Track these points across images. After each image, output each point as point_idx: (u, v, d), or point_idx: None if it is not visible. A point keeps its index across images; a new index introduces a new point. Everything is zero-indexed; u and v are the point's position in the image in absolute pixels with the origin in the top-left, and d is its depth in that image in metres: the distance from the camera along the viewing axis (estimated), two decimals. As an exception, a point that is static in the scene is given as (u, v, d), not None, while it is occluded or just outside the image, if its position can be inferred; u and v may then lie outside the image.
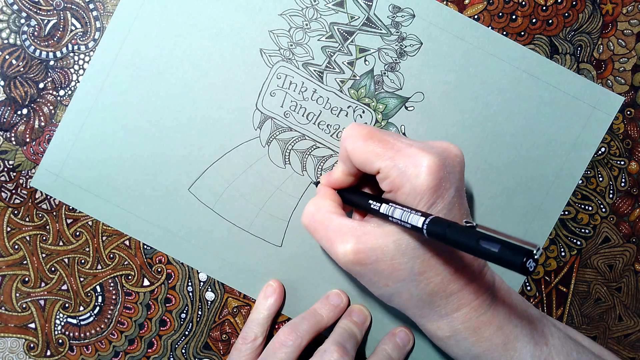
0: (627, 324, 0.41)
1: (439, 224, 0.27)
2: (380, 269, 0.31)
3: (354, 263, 0.31)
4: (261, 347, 0.38)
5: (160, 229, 0.40)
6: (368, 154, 0.31)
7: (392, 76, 0.39)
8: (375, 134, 0.32)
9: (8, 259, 0.40)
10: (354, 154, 0.32)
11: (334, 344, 0.35)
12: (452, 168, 0.31)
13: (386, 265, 0.31)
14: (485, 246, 0.24)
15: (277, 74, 0.39)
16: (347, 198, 0.35)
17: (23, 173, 0.39)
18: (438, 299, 0.32)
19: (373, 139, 0.31)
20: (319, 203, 0.34)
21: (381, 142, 0.31)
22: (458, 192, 0.31)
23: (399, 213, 0.30)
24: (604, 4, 0.39)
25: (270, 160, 0.39)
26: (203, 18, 0.38)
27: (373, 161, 0.31)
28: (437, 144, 0.33)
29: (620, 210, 0.40)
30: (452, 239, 0.26)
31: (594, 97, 0.39)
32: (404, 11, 0.39)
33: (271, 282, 0.40)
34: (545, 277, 0.41)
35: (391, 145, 0.31)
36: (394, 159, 0.30)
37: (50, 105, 0.39)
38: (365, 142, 0.31)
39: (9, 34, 0.39)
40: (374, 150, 0.31)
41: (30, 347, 0.40)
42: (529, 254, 0.23)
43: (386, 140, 0.31)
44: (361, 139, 0.32)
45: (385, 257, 0.31)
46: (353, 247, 0.31)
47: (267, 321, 0.39)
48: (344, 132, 0.33)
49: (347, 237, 0.31)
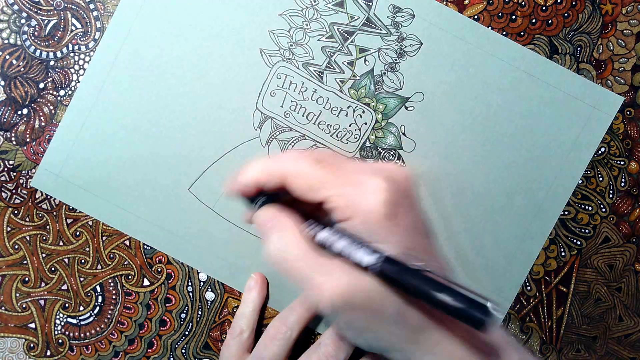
0: (628, 324, 0.41)
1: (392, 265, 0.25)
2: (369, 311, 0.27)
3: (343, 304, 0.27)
4: (249, 341, 0.38)
5: (160, 229, 0.40)
6: (313, 180, 0.28)
7: (392, 76, 0.39)
8: (323, 158, 0.29)
9: (8, 259, 0.40)
10: (297, 178, 0.29)
11: (330, 337, 0.35)
12: (405, 192, 0.29)
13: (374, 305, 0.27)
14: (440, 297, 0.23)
15: (277, 74, 0.39)
16: None
17: (23, 173, 0.39)
18: (419, 335, 0.28)
19: (322, 163, 0.29)
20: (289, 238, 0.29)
21: (330, 167, 0.29)
22: (415, 216, 0.29)
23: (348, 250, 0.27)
24: (603, 4, 0.39)
25: (270, 160, 0.39)
26: (203, 18, 0.38)
27: (319, 189, 0.28)
28: (386, 166, 0.31)
29: (620, 210, 0.40)
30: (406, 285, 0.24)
31: (593, 97, 0.39)
32: (404, 11, 0.39)
33: (253, 275, 0.40)
34: (545, 277, 0.41)
35: (340, 172, 0.29)
36: (342, 187, 0.28)
37: (51, 105, 0.39)
38: (312, 167, 0.29)
39: (10, 34, 0.39)
40: (321, 177, 0.28)
41: (30, 347, 0.40)
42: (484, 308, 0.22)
43: (335, 166, 0.29)
44: (308, 163, 0.29)
45: (371, 296, 0.27)
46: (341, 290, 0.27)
47: (253, 314, 0.39)
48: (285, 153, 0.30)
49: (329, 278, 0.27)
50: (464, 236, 0.40)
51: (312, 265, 0.27)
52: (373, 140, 0.39)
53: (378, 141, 0.39)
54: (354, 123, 0.39)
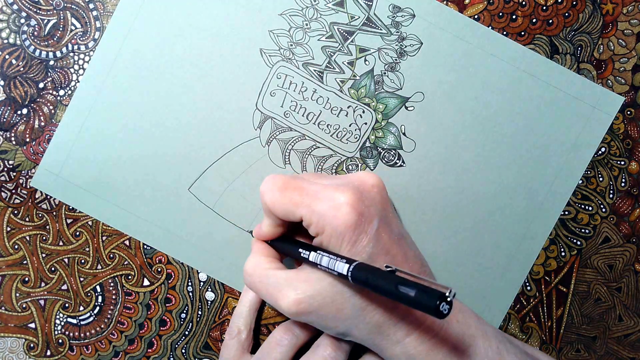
0: (627, 324, 0.41)
1: (361, 271, 0.28)
2: (325, 313, 0.31)
3: (299, 314, 0.31)
4: (248, 340, 0.38)
5: (160, 229, 0.40)
6: (287, 205, 0.31)
7: (392, 76, 0.39)
8: (289, 183, 0.32)
9: (8, 259, 0.40)
10: (274, 207, 0.32)
11: (328, 339, 0.36)
12: (372, 200, 0.32)
13: (329, 308, 0.31)
14: (403, 291, 0.25)
15: (277, 74, 0.39)
16: (279, 248, 0.35)
17: (23, 173, 0.39)
18: (387, 328, 0.31)
19: (288, 188, 0.32)
20: (254, 261, 0.34)
21: (297, 189, 0.32)
22: (383, 221, 0.32)
23: (326, 261, 0.30)
24: (604, 4, 0.39)
25: (270, 160, 0.39)
26: (203, 18, 0.38)
27: (293, 211, 0.31)
28: (353, 177, 0.33)
29: (621, 210, 0.40)
30: (374, 285, 0.27)
31: (594, 97, 0.39)
32: (404, 11, 0.39)
33: None
34: (545, 277, 0.41)
35: (306, 192, 0.31)
36: (311, 205, 0.31)
37: (50, 105, 0.39)
38: (282, 193, 0.32)
39: (9, 34, 0.38)
40: (291, 200, 0.31)
41: (30, 347, 0.40)
42: (442, 297, 0.24)
43: (301, 187, 0.32)
44: (277, 191, 0.32)
45: (325, 301, 0.31)
46: (294, 299, 0.31)
47: (250, 314, 0.39)
48: (261, 187, 0.33)
49: (285, 291, 0.31)
50: (464, 236, 0.40)
51: (269, 284, 0.32)
52: (373, 140, 0.39)
53: (378, 141, 0.39)
54: (354, 123, 0.39)
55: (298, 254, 0.32)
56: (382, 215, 0.32)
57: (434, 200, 0.40)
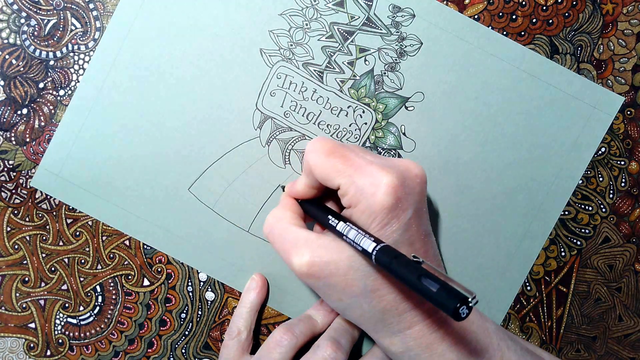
0: (627, 324, 0.41)
1: (387, 253, 0.27)
2: (333, 283, 0.31)
3: (308, 276, 0.31)
4: (247, 341, 0.38)
5: (160, 229, 0.40)
6: (329, 169, 0.31)
7: (392, 76, 0.39)
8: (337, 149, 0.32)
9: (8, 259, 0.40)
10: (315, 169, 0.32)
11: (328, 339, 0.36)
12: (412, 189, 0.31)
13: (339, 280, 0.31)
14: (425, 284, 0.25)
15: (277, 74, 0.39)
16: (308, 210, 0.35)
17: (23, 173, 0.39)
18: (390, 317, 0.31)
19: (335, 154, 0.32)
20: (279, 214, 0.34)
21: (342, 158, 0.31)
22: (416, 213, 0.31)
23: (353, 234, 0.30)
24: (604, 4, 0.39)
25: (270, 160, 0.39)
26: (203, 18, 0.38)
27: (333, 177, 0.31)
28: (399, 162, 0.33)
29: (621, 210, 0.40)
30: (396, 271, 0.26)
31: (594, 97, 0.39)
32: (404, 11, 0.39)
33: (254, 276, 0.40)
34: (545, 277, 0.41)
35: (352, 162, 0.31)
36: (353, 176, 0.31)
37: (50, 105, 0.39)
38: (327, 157, 0.31)
39: (9, 34, 0.38)
40: (334, 166, 0.31)
41: (30, 347, 0.40)
42: (464, 300, 0.23)
43: (347, 157, 0.31)
44: (323, 154, 0.32)
45: (338, 272, 0.31)
46: (307, 260, 0.31)
47: (250, 315, 0.39)
48: (308, 145, 0.33)
49: (302, 250, 0.31)
50: (464, 236, 0.40)
51: (287, 239, 0.32)
52: (373, 140, 0.39)
53: (378, 141, 0.39)
54: (354, 123, 0.39)
55: (326, 220, 0.32)
56: (417, 207, 0.31)
57: (434, 200, 0.40)
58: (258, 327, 0.40)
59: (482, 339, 0.33)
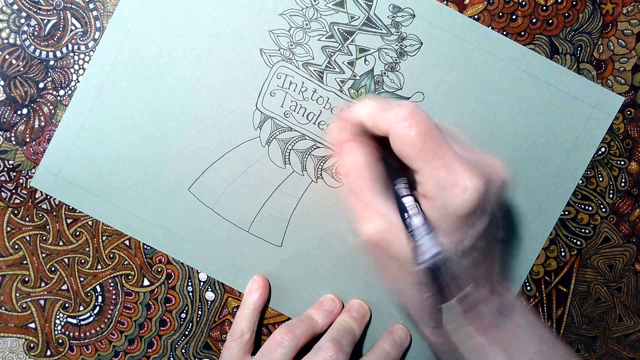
0: (627, 324, 0.41)
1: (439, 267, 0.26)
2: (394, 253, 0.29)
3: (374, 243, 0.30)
4: (250, 342, 0.38)
5: (160, 229, 0.40)
6: (420, 152, 0.28)
7: (392, 76, 0.39)
8: (433, 134, 0.28)
9: (8, 259, 0.40)
10: (397, 140, 0.29)
11: (330, 341, 0.36)
12: (494, 196, 0.29)
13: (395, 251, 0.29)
14: None
15: (277, 74, 0.39)
16: None
17: (23, 173, 0.39)
18: None
19: (431, 138, 0.28)
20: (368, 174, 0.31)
21: (436, 144, 0.28)
22: (492, 221, 0.29)
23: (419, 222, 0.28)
24: (604, 4, 0.39)
25: (270, 160, 0.39)
26: (203, 18, 0.38)
27: (419, 160, 0.28)
28: (488, 160, 0.30)
29: (621, 210, 0.40)
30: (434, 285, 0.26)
31: (594, 97, 0.39)
32: (404, 11, 0.39)
33: (255, 277, 0.40)
34: (545, 277, 0.41)
35: (443, 152, 0.28)
36: (438, 168, 0.28)
37: (50, 105, 0.39)
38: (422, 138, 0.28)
39: (9, 34, 0.38)
40: (421, 150, 0.28)
41: (30, 347, 0.40)
42: None
43: (441, 146, 0.28)
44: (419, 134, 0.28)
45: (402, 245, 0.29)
46: (381, 229, 0.29)
47: (253, 316, 0.39)
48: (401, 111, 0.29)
49: (377, 219, 0.29)
50: (464, 236, 0.40)
51: (367, 197, 0.30)
52: (373, 140, 0.39)
53: (378, 141, 0.39)
54: (354, 123, 0.39)
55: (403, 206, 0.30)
56: (493, 211, 0.29)
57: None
58: (259, 328, 0.40)
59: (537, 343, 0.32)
